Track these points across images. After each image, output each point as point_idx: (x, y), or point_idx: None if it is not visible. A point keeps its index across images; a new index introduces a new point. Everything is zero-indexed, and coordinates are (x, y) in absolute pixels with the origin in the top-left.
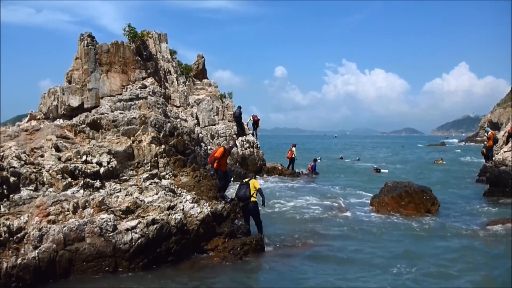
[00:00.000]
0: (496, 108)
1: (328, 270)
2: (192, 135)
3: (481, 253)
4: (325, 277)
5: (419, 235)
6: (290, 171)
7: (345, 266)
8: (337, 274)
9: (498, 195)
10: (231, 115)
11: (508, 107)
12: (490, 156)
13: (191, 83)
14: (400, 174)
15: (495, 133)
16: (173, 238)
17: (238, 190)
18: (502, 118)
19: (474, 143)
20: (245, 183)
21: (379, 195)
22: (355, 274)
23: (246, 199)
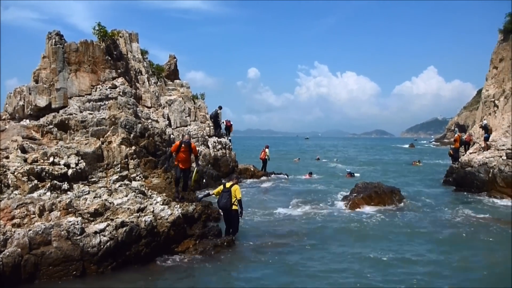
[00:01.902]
0: (463, 111)
1: (297, 269)
2: (163, 136)
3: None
4: (292, 277)
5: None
6: (263, 173)
7: (315, 265)
8: (305, 274)
9: (464, 195)
10: (203, 116)
11: (474, 110)
12: (456, 157)
13: (163, 83)
14: (375, 175)
15: (462, 135)
16: (143, 240)
17: (220, 198)
18: (468, 120)
19: (444, 145)
20: (228, 189)
21: (350, 195)
22: (324, 273)
23: (227, 209)
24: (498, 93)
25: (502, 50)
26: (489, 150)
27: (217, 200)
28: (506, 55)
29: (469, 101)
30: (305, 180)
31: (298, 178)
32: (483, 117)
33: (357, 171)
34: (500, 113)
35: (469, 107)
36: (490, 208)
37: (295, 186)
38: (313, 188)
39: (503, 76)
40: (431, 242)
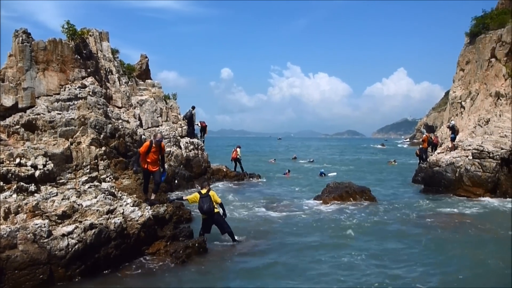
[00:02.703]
0: (432, 112)
1: (269, 270)
2: (134, 137)
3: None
4: (264, 278)
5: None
6: (235, 173)
7: (285, 265)
8: (274, 275)
9: (432, 194)
10: (175, 116)
11: (442, 111)
12: (424, 157)
13: (134, 83)
14: (351, 174)
15: (430, 136)
16: (113, 243)
17: (201, 204)
18: (436, 121)
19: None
20: (205, 195)
21: (322, 195)
22: (295, 277)
23: (211, 213)
24: (464, 95)
25: (468, 53)
26: (456, 150)
27: (198, 207)
28: (472, 58)
29: (438, 102)
30: (279, 180)
31: (275, 178)
32: (451, 118)
33: (331, 171)
34: (466, 114)
35: (438, 108)
36: (456, 207)
37: (268, 187)
38: (285, 188)
39: (469, 78)
40: (400, 241)
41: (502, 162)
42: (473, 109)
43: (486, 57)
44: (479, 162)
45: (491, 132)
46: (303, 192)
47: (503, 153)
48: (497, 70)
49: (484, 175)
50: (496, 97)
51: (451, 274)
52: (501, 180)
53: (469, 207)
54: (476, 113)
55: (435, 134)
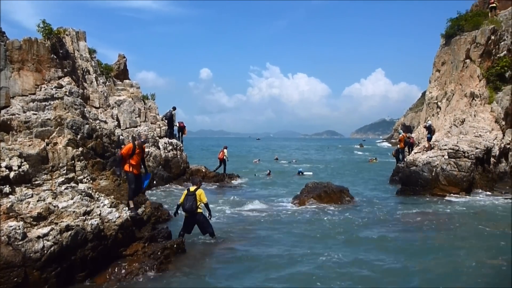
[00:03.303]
0: (409, 112)
1: (247, 272)
2: (112, 137)
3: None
4: (242, 279)
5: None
6: (214, 174)
7: (264, 267)
8: (253, 276)
9: (409, 193)
10: (154, 116)
11: (419, 111)
12: (401, 157)
13: (112, 83)
14: (330, 174)
15: (407, 135)
16: (89, 244)
17: (184, 201)
18: (414, 121)
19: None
20: (192, 193)
21: (300, 195)
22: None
23: (193, 212)
24: (440, 95)
25: (444, 54)
26: (432, 150)
27: (181, 204)
28: (448, 59)
29: (415, 103)
30: (260, 180)
31: (258, 177)
32: (427, 118)
33: (311, 170)
34: (442, 114)
35: (415, 108)
36: (432, 207)
37: (247, 187)
38: (265, 188)
39: (445, 79)
40: (376, 243)
41: (477, 161)
42: (448, 109)
43: (461, 58)
44: (455, 161)
45: (466, 132)
46: (283, 192)
47: (478, 153)
48: (471, 71)
49: (459, 174)
50: (471, 97)
51: (429, 274)
52: (476, 179)
53: (444, 206)
54: (451, 113)
55: (411, 135)
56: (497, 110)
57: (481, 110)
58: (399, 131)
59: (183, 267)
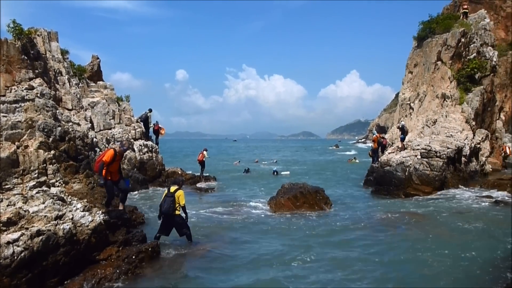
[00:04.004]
0: (383, 113)
1: (223, 275)
2: (85, 140)
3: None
4: (217, 282)
5: (313, 230)
6: (190, 176)
7: (240, 270)
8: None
9: (383, 193)
10: (128, 118)
11: (393, 112)
12: (375, 157)
13: (85, 85)
14: (308, 174)
15: (381, 136)
16: (61, 249)
17: (162, 203)
18: (388, 122)
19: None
20: (171, 194)
21: (276, 196)
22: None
23: (170, 214)
24: (413, 96)
25: (416, 56)
26: (405, 150)
27: (159, 204)
28: (420, 61)
29: (389, 104)
30: (236, 181)
31: (235, 178)
32: (400, 119)
33: (288, 170)
34: (415, 115)
35: (389, 109)
36: (405, 207)
37: (224, 189)
38: (242, 190)
39: (418, 80)
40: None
41: (448, 160)
42: (421, 110)
43: (433, 60)
44: (427, 161)
45: (438, 132)
46: (259, 193)
47: (449, 152)
48: (443, 73)
49: (432, 173)
50: (442, 98)
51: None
52: (447, 178)
53: (417, 206)
54: (424, 114)
55: (384, 136)
56: (467, 110)
57: (452, 111)
58: (373, 131)
59: (158, 271)
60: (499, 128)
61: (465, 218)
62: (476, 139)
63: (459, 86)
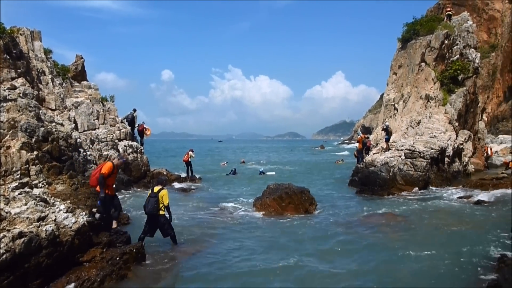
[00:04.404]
0: (368, 114)
1: (207, 278)
2: (69, 140)
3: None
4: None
5: (298, 231)
6: (176, 176)
7: (225, 274)
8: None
9: (368, 193)
10: (113, 119)
11: (378, 113)
12: (360, 158)
13: (69, 85)
14: (293, 174)
15: (366, 136)
16: (44, 251)
17: (146, 203)
18: (373, 123)
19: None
20: (155, 194)
21: (262, 197)
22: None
23: (153, 214)
24: (397, 97)
25: (400, 57)
26: (390, 150)
27: (143, 205)
28: (404, 62)
29: (374, 105)
30: (222, 181)
31: (218, 179)
32: (385, 120)
33: (274, 171)
34: (399, 116)
35: (374, 110)
36: (390, 207)
37: (210, 189)
38: (227, 190)
39: (402, 81)
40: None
41: (432, 161)
42: (405, 111)
43: (417, 62)
44: (411, 161)
45: (422, 133)
46: (245, 194)
47: (433, 153)
48: (426, 74)
49: (415, 173)
50: (426, 99)
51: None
52: (431, 178)
53: (401, 206)
54: (408, 114)
55: (368, 136)
56: (450, 111)
57: (436, 112)
58: (358, 132)
59: (143, 272)
60: (481, 129)
61: (447, 218)
62: (459, 140)
63: (442, 88)
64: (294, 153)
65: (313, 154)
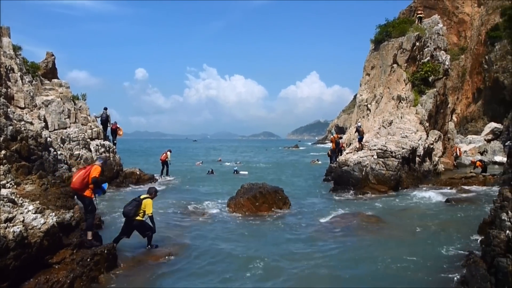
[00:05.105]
0: (342, 114)
1: (175, 280)
2: (39, 140)
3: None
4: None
5: (271, 231)
6: (149, 176)
7: (193, 275)
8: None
9: (341, 192)
10: (84, 117)
11: (351, 113)
12: (334, 157)
13: (39, 82)
14: (269, 174)
15: (339, 136)
16: (12, 253)
17: (126, 205)
18: (346, 123)
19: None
20: (139, 199)
21: (236, 197)
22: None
23: (129, 217)
24: (370, 98)
25: (373, 58)
26: (362, 150)
27: (124, 205)
28: (377, 63)
29: (347, 105)
30: (197, 181)
31: (192, 179)
32: (358, 120)
33: (247, 170)
34: (372, 116)
35: (347, 110)
36: (361, 207)
37: (185, 189)
38: (201, 190)
39: (374, 82)
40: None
41: (403, 161)
42: (378, 111)
43: (389, 63)
44: (383, 161)
45: (394, 133)
46: (219, 193)
47: (404, 153)
48: (398, 75)
49: (387, 173)
50: (398, 100)
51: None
52: (402, 178)
53: (372, 205)
54: (380, 115)
55: (341, 136)
56: (421, 112)
57: (407, 112)
58: (332, 132)
59: (114, 274)
60: (451, 129)
61: (417, 218)
62: (430, 140)
63: (413, 89)
64: (269, 152)
65: (288, 154)
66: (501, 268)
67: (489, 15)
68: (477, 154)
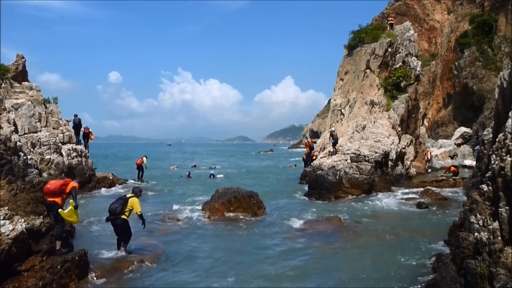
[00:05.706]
0: (316, 118)
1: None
2: (8, 144)
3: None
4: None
5: (244, 237)
6: (122, 181)
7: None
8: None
9: (315, 196)
10: (56, 121)
11: (326, 117)
12: (308, 161)
13: (8, 85)
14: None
15: (313, 141)
16: None
17: (112, 203)
18: (321, 127)
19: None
20: (125, 197)
21: (211, 201)
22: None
23: (114, 215)
24: (344, 103)
25: (347, 64)
26: (336, 154)
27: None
28: (350, 69)
29: (322, 109)
30: (171, 186)
31: (168, 184)
32: (332, 124)
33: (222, 174)
34: (346, 121)
35: (322, 115)
36: (334, 210)
37: (159, 193)
38: (177, 194)
39: (348, 87)
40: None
41: (376, 164)
42: (351, 116)
43: (362, 68)
44: (357, 165)
45: (367, 138)
46: (194, 198)
47: (377, 157)
48: (371, 80)
49: (361, 177)
50: (371, 105)
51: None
52: (375, 181)
53: (345, 209)
54: (354, 119)
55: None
56: (393, 117)
57: (380, 117)
58: (307, 136)
59: (85, 281)
60: (422, 134)
61: (389, 221)
62: (402, 144)
63: (386, 94)
64: (244, 157)
65: (263, 158)
66: (470, 269)
67: (458, 22)
68: (448, 158)
